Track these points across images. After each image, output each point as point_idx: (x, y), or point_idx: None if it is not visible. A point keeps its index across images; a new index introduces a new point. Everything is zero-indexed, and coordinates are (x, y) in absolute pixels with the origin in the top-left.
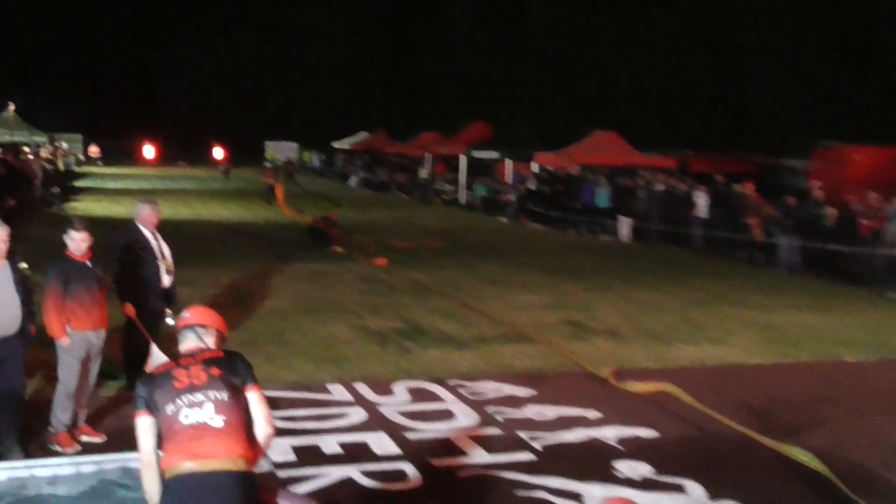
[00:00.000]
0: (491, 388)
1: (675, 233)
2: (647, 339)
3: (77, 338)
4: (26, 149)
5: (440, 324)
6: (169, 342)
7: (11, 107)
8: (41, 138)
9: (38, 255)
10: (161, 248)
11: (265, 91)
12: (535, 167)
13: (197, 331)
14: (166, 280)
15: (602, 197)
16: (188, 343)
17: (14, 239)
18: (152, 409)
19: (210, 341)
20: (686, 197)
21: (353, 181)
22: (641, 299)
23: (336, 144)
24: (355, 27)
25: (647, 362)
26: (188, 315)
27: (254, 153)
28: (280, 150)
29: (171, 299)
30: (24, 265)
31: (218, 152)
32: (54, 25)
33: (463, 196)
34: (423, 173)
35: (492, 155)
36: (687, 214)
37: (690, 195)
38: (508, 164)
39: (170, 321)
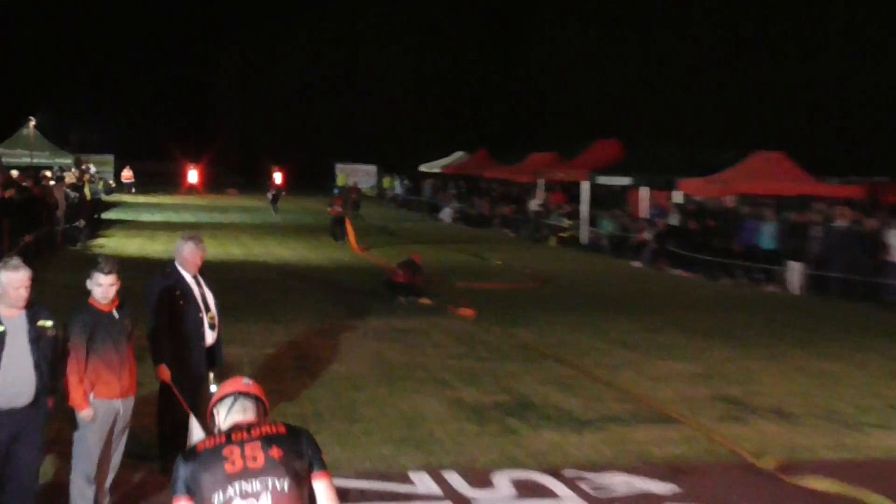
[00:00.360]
0: (620, 483)
1: (861, 283)
2: (826, 422)
3: (101, 407)
4: (48, 173)
5: (555, 397)
6: None
7: (32, 122)
8: (66, 160)
9: (58, 303)
10: (205, 295)
11: (337, 105)
12: (678, 197)
13: (239, 399)
14: (210, 336)
15: (766, 236)
16: (235, 415)
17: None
18: (195, 494)
19: (252, 412)
20: (876, 236)
21: (445, 214)
22: (818, 370)
23: (424, 168)
24: (448, 26)
25: (826, 452)
26: (227, 384)
27: (322, 179)
28: (355, 175)
29: (215, 360)
30: (47, 323)
31: (277, 178)
32: (85, 28)
33: (585, 233)
34: (534, 204)
35: (622, 181)
36: (878, 259)
37: (882, 234)
38: (644, 193)
39: (213, 388)
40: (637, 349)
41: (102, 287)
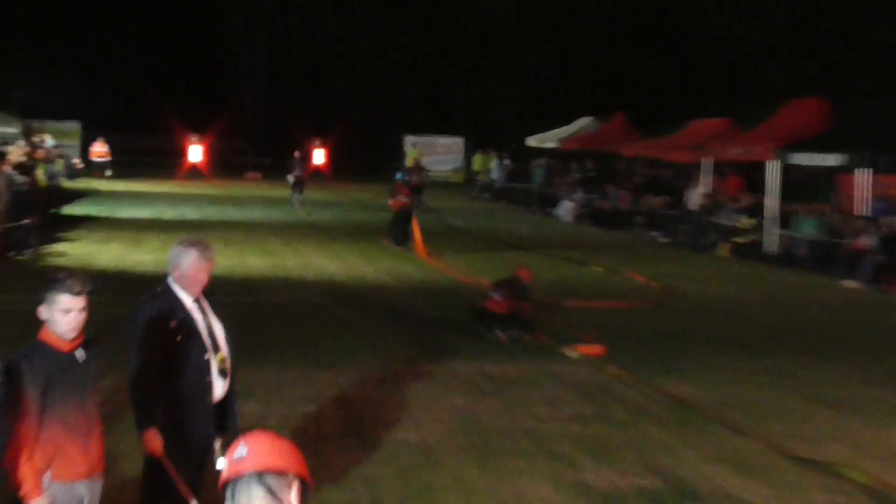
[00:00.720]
0: None
1: None
2: None
3: (61, 494)
4: None
5: (729, 482)
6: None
7: None
8: (9, 129)
9: None
10: (212, 328)
11: (408, 53)
12: None
13: (266, 481)
14: (220, 387)
15: None
16: None
17: None
18: None
19: (288, 498)
20: None
21: (564, 209)
22: None
23: (533, 141)
24: None
25: None
26: (246, 452)
27: (383, 158)
28: (432, 152)
29: (226, 423)
30: None
31: (318, 155)
32: None
33: (773, 238)
34: (697, 195)
35: (829, 161)
36: None
37: None
38: (862, 179)
39: (221, 462)
40: (853, 411)
41: (69, 315)
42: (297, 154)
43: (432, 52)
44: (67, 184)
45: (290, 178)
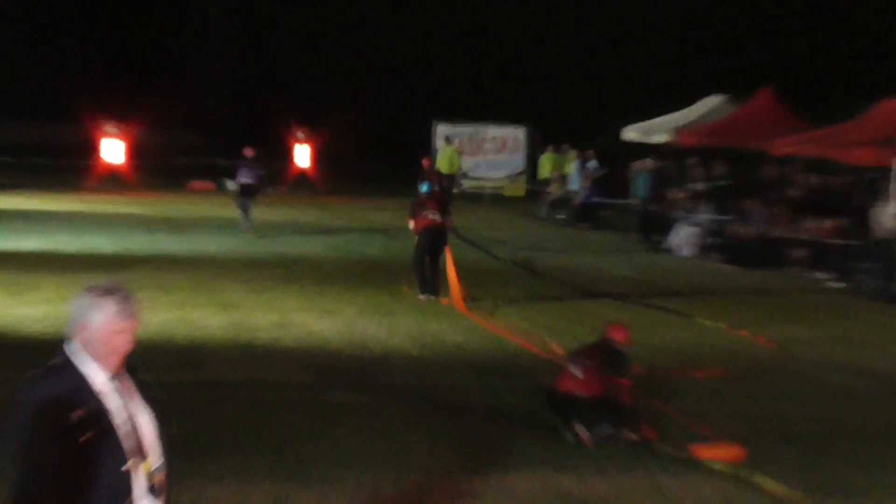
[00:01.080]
0: None
1: None
2: None
3: None
4: None
5: None
6: None
7: None
8: None
9: None
10: (136, 422)
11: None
12: None
13: None
14: None
15: None
16: None
17: None
18: None
19: None
20: None
21: (680, 238)
22: None
23: (632, 133)
24: None
25: None
26: None
27: (408, 156)
28: (477, 149)
29: None
30: None
31: (301, 154)
32: None
33: None
34: (889, 216)
35: None
36: None
37: None
38: None
39: None
40: None
41: None
42: (248, 152)
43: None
44: None
45: (232, 186)
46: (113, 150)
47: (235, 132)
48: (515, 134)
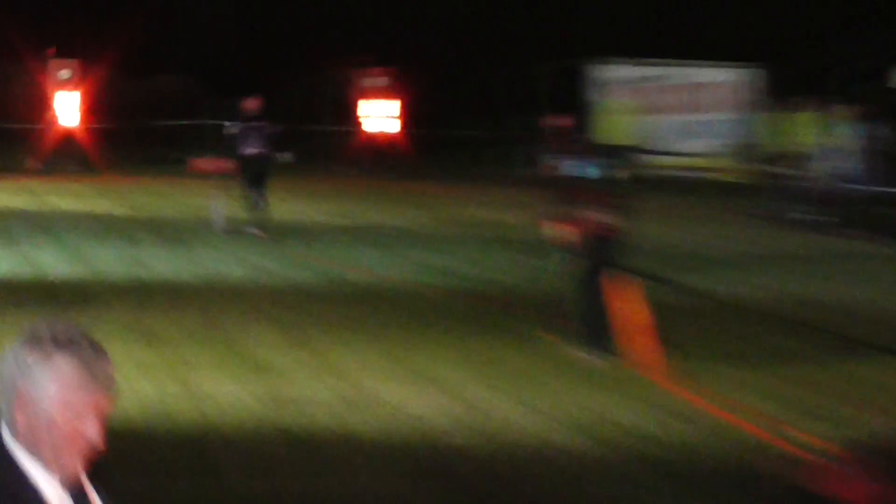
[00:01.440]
0: None
1: None
2: None
3: None
4: None
5: None
6: None
7: None
8: None
9: None
10: None
11: None
12: None
13: None
14: None
15: None
16: None
17: None
18: None
19: None
20: None
21: None
22: None
23: None
24: None
25: None
26: None
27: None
28: (671, 106)
29: None
30: None
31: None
32: None
33: None
34: None
35: None
36: None
37: None
38: None
39: None
40: None
41: None
42: (251, 104)
43: None
44: None
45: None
46: (67, 104)
47: (255, 76)
48: (732, 78)
